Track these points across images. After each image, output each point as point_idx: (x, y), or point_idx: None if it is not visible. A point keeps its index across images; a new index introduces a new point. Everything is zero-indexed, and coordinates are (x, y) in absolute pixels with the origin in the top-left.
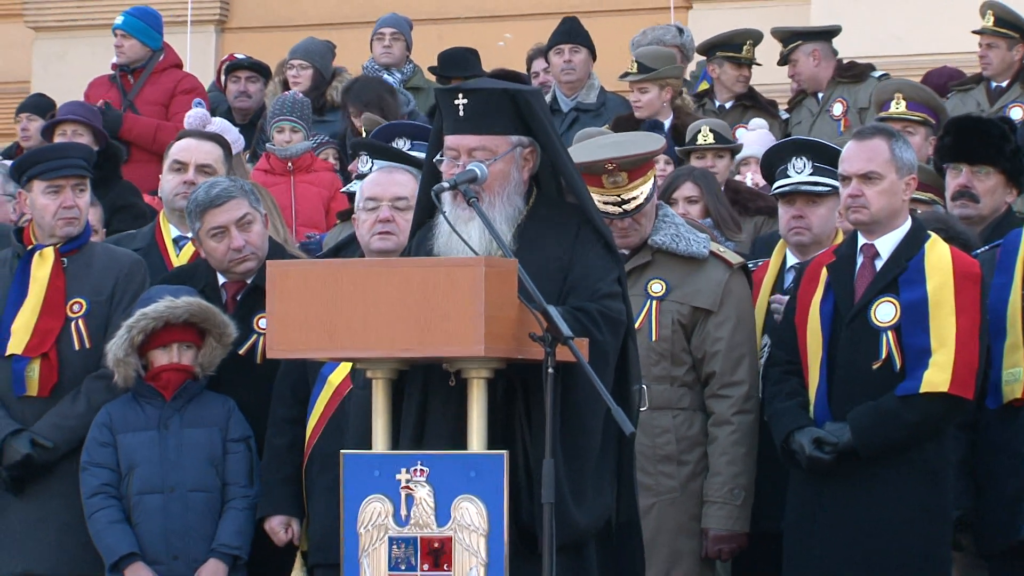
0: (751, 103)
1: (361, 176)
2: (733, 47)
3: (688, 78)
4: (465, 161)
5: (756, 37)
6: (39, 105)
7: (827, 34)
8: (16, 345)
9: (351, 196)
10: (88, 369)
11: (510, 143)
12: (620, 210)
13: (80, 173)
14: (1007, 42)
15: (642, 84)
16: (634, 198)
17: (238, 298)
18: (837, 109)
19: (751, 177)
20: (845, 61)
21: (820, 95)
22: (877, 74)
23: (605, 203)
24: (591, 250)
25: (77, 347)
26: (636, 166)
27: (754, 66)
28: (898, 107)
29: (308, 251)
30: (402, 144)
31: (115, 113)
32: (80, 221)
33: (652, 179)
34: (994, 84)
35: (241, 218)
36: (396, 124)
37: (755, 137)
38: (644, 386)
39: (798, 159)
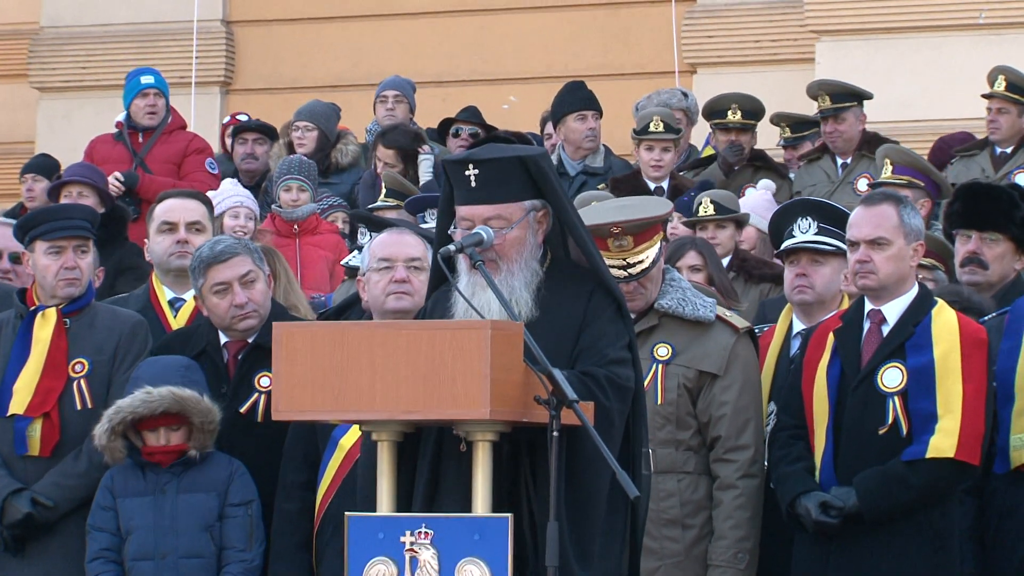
0: (762, 163)
1: (361, 249)
2: (719, 113)
3: (692, 143)
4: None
5: (741, 101)
6: (44, 166)
7: (864, 97)
8: (18, 405)
9: (349, 269)
10: (90, 429)
11: (524, 209)
12: (625, 274)
13: (82, 234)
14: (1017, 108)
15: (666, 143)
16: (640, 262)
17: (239, 357)
18: (862, 184)
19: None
20: (868, 131)
21: (839, 161)
22: (905, 148)
23: (611, 267)
24: (603, 315)
25: (79, 407)
26: (642, 230)
27: (754, 130)
28: (886, 172)
29: (314, 308)
30: (431, 217)
31: (132, 175)
32: (81, 282)
33: (659, 244)
34: (999, 150)
35: (244, 275)
36: (427, 197)
37: (754, 204)
38: (650, 450)
39: (803, 219)
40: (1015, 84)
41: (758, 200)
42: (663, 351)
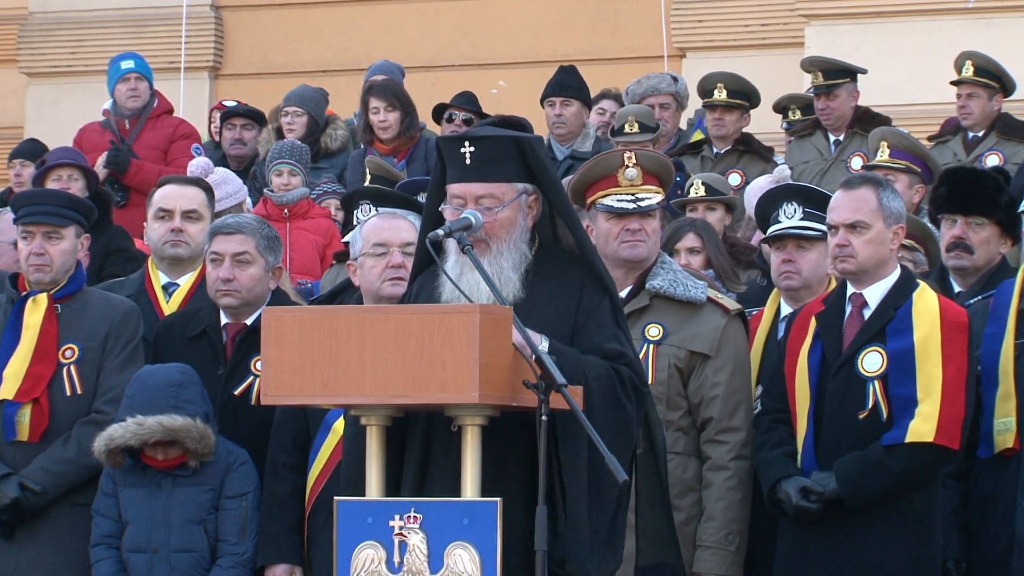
0: (746, 148)
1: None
2: (707, 92)
3: (683, 127)
4: (472, 209)
5: (727, 80)
6: (31, 151)
7: (857, 73)
8: (7, 391)
9: (339, 255)
10: (79, 414)
11: (516, 190)
12: (635, 206)
13: (49, 221)
14: (987, 92)
15: (645, 144)
16: (648, 198)
17: (236, 339)
18: (857, 163)
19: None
20: (860, 107)
21: (832, 138)
22: (903, 131)
23: (620, 200)
24: (600, 306)
25: (68, 393)
26: (651, 167)
27: (742, 111)
28: (882, 155)
29: (300, 295)
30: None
31: (125, 154)
32: (51, 269)
33: (662, 201)
34: (971, 134)
35: (238, 253)
36: (419, 181)
37: (763, 187)
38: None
39: (788, 204)
40: (983, 68)
41: (765, 185)
42: (654, 331)
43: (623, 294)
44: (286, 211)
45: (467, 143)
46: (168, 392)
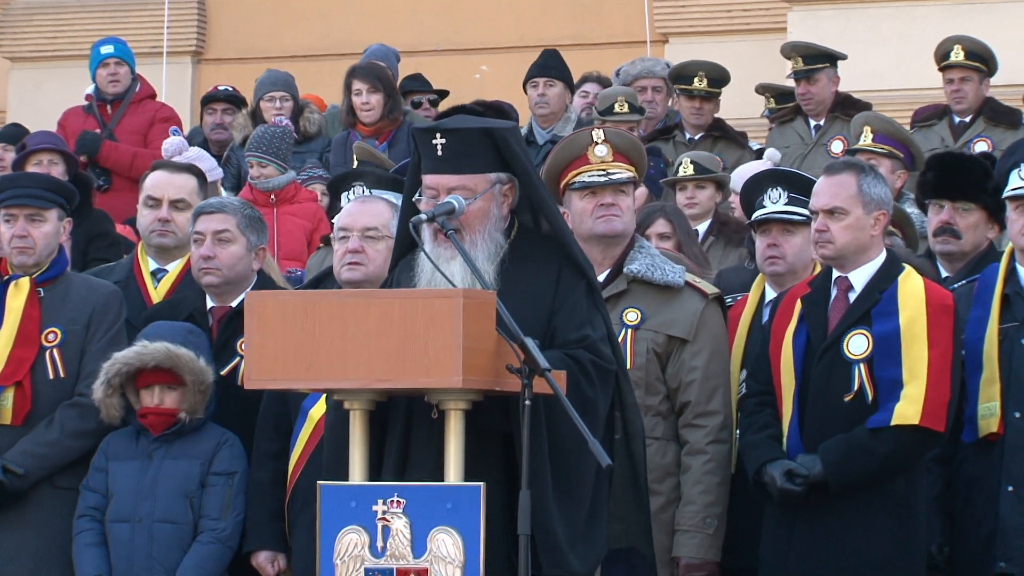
0: (720, 134)
1: None
2: (685, 79)
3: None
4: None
5: (708, 69)
6: (13, 135)
7: (837, 59)
8: None
9: (325, 239)
10: (62, 398)
11: (489, 181)
12: (606, 179)
13: (31, 203)
14: (979, 75)
15: (633, 125)
16: (619, 173)
17: (222, 322)
18: (837, 146)
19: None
20: (841, 93)
21: (812, 123)
22: (886, 116)
23: (592, 176)
24: (575, 292)
25: (51, 376)
26: (620, 145)
27: (718, 98)
28: (865, 140)
29: (290, 283)
30: None
31: (94, 136)
32: (34, 251)
33: (633, 179)
34: (957, 119)
35: (219, 232)
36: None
37: (750, 171)
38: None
39: (774, 189)
40: (973, 52)
41: (752, 169)
42: (632, 316)
43: (601, 278)
44: (272, 196)
45: (439, 135)
46: (178, 333)
